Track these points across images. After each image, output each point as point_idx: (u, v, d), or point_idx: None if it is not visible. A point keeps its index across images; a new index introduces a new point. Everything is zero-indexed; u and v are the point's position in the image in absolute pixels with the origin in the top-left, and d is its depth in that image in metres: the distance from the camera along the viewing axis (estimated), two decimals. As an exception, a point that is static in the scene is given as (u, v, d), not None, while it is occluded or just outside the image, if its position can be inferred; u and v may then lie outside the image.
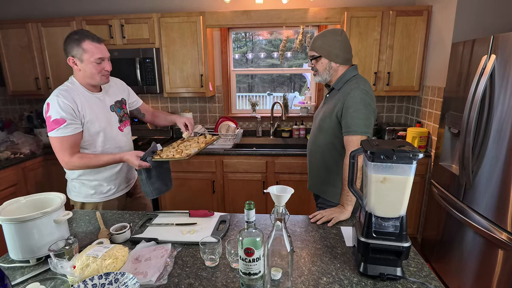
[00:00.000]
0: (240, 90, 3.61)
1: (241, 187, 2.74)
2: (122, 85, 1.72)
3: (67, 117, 1.39)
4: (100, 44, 1.44)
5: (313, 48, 1.50)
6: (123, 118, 1.64)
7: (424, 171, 2.56)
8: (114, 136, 1.57)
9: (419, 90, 2.72)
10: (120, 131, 1.61)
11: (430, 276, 0.97)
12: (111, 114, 1.57)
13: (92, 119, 1.48)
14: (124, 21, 2.76)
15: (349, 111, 1.38)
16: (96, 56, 1.41)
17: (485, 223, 1.76)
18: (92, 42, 1.41)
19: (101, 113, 1.52)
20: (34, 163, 2.70)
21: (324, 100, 1.62)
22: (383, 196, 0.93)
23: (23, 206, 1.16)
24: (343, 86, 1.48)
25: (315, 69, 1.53)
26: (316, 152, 1.58)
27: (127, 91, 1.74)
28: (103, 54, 1.44)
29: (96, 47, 1.42)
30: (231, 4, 2.92)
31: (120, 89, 1.68)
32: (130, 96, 1.75)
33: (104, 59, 1.45)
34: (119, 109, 1.63)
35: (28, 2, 3.12)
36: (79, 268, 0.90)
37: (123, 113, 1.65)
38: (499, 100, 1.67)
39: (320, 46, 1.47)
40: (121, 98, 1.66)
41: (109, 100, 1.59)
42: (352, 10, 2.60)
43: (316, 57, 1.49)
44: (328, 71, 1.50)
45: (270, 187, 0.85)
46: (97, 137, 1.51)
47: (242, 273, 0.87)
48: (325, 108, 1.53)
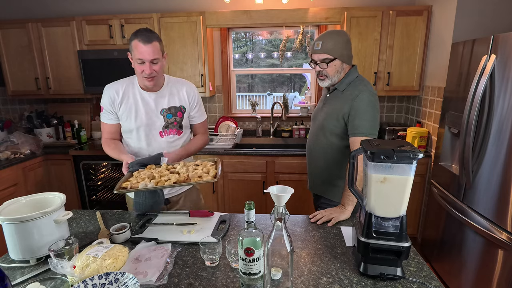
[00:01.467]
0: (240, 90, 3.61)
1: (241, 187, 2.74)
2: (190, 94, 1.59)
3: (105, 107, 1.52)
4: (145, 45, 1.36)
5: (325, 51, 1.41)
6: (170, 126, 1.55)
7: (424, 171, 2.56)
8: (152, 139, 1.53)
9: (419, 90, 2.72)
10: (160, 136, 1.54)
11: (430, 276, 0.97)
12: (158, 117, 1.52)
13: (128, 115, 1.49)
14: (124, 21, 2.76)
15: (358, 113, 1.38)
16: (137, 57, 1.38)
17: (485, 223, 1.76)
18: (138, 42, 1.37)
19: (144, 113, 1.49)
20: (34, 163, 2.70)
21: (324, 100, 1.59)
22: (383, 196, 0.93)
23: (23, 206, 1.16)
24: (347, 87, 1.46)
25: (324, 73, 1.46)
26: (317, 152, 1.57)
27: (193, 102, 1.60)
28: (144, 56, 1.37)
29: (140, 48, 1.37)
30: (231, 4, 2.92)
31: (183, 97, 1.57)
32: (193, 109, 1.61)
33: (145, 62, 1.38)
34: (171, 115, 1.54)
35: (28, 2, 3.12)
36: (79, 268, 0.90)
37: (173, 120, 1.55)
38: (499, 100, 1.67)
39: (333, 48, 1.41)
40: (180, 105, 1.56)
41: (163, 103, 1.52)
42: (352, 10, 2.60)
43: (330, 60, 1.42)
44: (339, 73, 1.46)
45: (270, 187, 0.85)
46: (132, 134, 1.53)
47: (242, 273, 0.87)
48: (328, 108, 1.51)
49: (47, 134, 3.06)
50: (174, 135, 1.58)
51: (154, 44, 1.38)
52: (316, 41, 1.45)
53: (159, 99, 1.52)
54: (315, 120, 1.61)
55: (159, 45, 1.41)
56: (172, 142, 1.58)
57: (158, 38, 1.42)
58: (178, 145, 1.60)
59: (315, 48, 1.44)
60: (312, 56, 1.47)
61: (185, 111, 1.58)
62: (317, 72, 1.48)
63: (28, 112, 3.20)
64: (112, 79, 1.57)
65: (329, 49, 1.41)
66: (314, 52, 1.45)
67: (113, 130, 1.56)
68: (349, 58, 1.46)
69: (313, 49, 1.46)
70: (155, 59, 1.39)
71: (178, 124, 1.58)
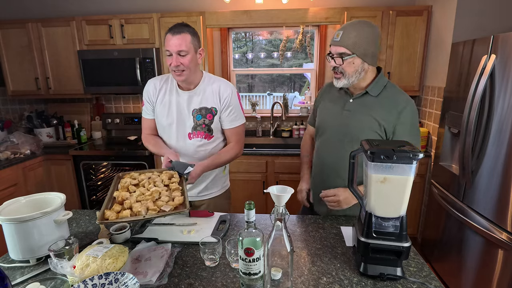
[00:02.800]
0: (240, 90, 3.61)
1: (241, 187, 2.74)
2: (224, 95, 1.45)
3: (145, 101, 1.52)
4: (173, 36, 1.30)
5: (344, 44, 1.19)
6: (199, 128, 1.46)
7: (424, 171, 2.56)
8: (180, 140, 1.48)
9: (419, 90, 2.72)
10: (189, 138, 1.47)
11: (430, 276, 0.97)
12: (189, 117, 1.45)
13: (161, 111, 1.47)
14: (124, 21, 2.76)
15: (409, 129, 1.23)
16: (165, 48, 1.34)
17: (485, 223, 1.76)
18: (169, 34, 1.31)
19: (176, 111, 1.45)
20: (34, 163, 2.70)
21: (344, 104, 1.32)
22: (383, 196, 0.93)
23: (23, 206, 1.15)
24: (381, 93, 1.27)
25: (340, 70, 1.24)
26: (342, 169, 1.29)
27: (225, 103, 1.45)
28: (170, 47, 1.31)
29: (168, 39, 1.31)
30: (231, 4, 2.92)
31: (216, 97, 1.45)
32: (225, 111, 1.46)
33: (172, 54, 1.31)
34: (200, 116, 1.45)
35: (28, 2, 3.12)
36: (79, 268, 0.90)
37: (202, 122, 1.45)
38: (499, 100, 1.67)
39: (355, 43, 1.18)
40: (211, 106, 1.45)
41: (195, 103, 1.45)
42: (352, 10, 2.60)
43: (347, 55, 1.20)
44: (359, 73, 1.23)
45: (270, 187, 0.85)
46: (164, 131, 1.52)
47: (242, 273, 0.87)
48: (360, 116, 1.28)
49: (47, 134, 3.06)
50: (203, 138, 1.47)
51: (184, 36, 1.30)
52: (338, 30, 1.23)
53: (192, 98, 1.45)
54: (332, 128, 1.36)
55: (190, 38, 1.32)
56: (200, 146, 1.48)
57: (192, 32, 1.34)
58: (206, 150, 1.49)
59: (334, 39, 1.22)
60: (330, 47, 1.25)
61: (217, 113, 1.46)
62: (332, 67, 1.27)
63: (28, 112, 3.20)
64: (112, 79, 1.57)
65: (349, 43, 1.18)
66: (332, 43, 1.23)
67: (152, 126, 1.55)
68: (373, 58, 1.23)
69: (333, 39, 1.23)
70: (182, 51, 1.30)
71: (207, 127, 1.46)
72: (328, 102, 1.41)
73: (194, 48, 1.35)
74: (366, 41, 1.19)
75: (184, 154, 1.49)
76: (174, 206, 1.02)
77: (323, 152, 1.41)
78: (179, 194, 1.10)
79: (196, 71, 1.42)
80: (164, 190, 1.14)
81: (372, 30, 1.20)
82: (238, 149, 1.52)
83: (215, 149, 1.52)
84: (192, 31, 1.35)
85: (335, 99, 1.39)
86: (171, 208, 0.98)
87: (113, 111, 3.37)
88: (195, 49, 1.36)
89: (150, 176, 1.28)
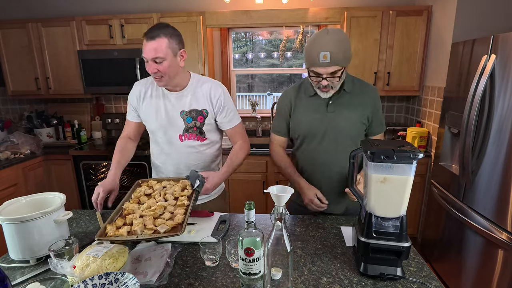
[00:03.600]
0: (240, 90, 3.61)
1: (241, 187, 2.74)
2: (215, 97, 1.41)
3: (129, 104, 1.48)
4: (148, 42, 1.23)
5: (336, 63, 1.20)
6: (190, 130, 1.41)
7: (424, 171, 2.56)
8: (172, 143, 1.44)
9: (419, 90, 2.72)
10: (180, 140, 1.43)
11: (430, 276, 0.97)
12: (179, 119, 1.40)
13: (150, 114, 1.42)
14: (124, 21, 2.76)
15: (380, 109, 1.40)
16: (143, 55, 1.26)
17: (485, 223, 1.76)
18: (144, 38, 1.24)
19: (165, 113, 1.40)
20: (34, 163, 2.70)
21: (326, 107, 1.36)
22: (383, 196, 0.93)
23: (23, 206, 1.16)
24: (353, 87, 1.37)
25: (331, 85, 1.27)
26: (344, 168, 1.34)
27: (218, 105, 1.41)
28: (145, 54, 1.24)
29: (144, 45, 1.25)
30: (231, 4, 2.92)
31: (207, 99, 1.40)
32: (220, 114, 1.43)
33: (148, 60, 1.25)
34: (191, 118, 1.40)
35: (28, 2, 3.12)
36: (79, 268, 0.90)
37: (193, 124, 1.40)
38: (499, 100, 1.67)
39: (344, 58, 1.22)
40: (202, 108, 1.40)
41: (184, 105, 1.40)
42: (352, 10, 2.60)
43: (340, 72, 1.24)
44: (343, 79, 1.30)
45: (270, 187, 0.85)
46: (154, 135, 1.47)
47: (242, 273, 0.87)
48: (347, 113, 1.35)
49: (47, 134, 3.06)
50: (195, 140, 1.43)
51: (159, 41, 1.22)
52: (320, 51, 1.19)
53: (181, 100, 1.40)
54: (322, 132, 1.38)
55: (167, 42, 1.23)
56: (192, 148, 1.44)
57: (169, 33, 1.25)
58: (200, 152, 1.46)
59: (322, 61, 1.19)
60: (316, 69, 1.23)
61: (207, 115, 1.41)
62: (323, 86, 1.27)
63: (28, 112, 3.20)
64: (112, 79, 1.56)
65: (340, 59, 1.20)
66: (321, 65, 1.20)
67: (132, 128, 1.52)
68: (350, 60, 1.29)
69: (319, 62, 1.20)
70: (158, 58, 1.23)
71: (198, 130, 1.42)
72: (306, 109, 1.40)
73: (172, 52, 1.26)
74: (347, 50, 1.23)
75: (177, 158, 1.46)
76: (172, 226, 0.99)
77: (319, 157, 1.40)
78: (182, 212, 1.07)
79: (179, 74, 1.35)
80: (171, 205, 1.12)
81: (345, 37, 1.25)
82: (246, 146, 1.49)
83: (209, 151, 1.49)
84: (170, 32, 1.26)
85: (312, 105, 1.39)
86: (166, 229, 0.96)
87: (113, 111, 3.37)
88: (173, 53, 1.27)
89: (166, 185, 1.28)
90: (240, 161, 1.44)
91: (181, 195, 1.18)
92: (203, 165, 1.49)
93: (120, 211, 1.12)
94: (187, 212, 1.06)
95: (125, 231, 0.96)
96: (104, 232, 0.97)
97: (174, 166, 1.48)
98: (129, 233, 0.96)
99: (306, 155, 1.44)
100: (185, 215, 1.05)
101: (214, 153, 1.52)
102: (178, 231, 0.95)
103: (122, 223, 1.02)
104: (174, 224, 1.00)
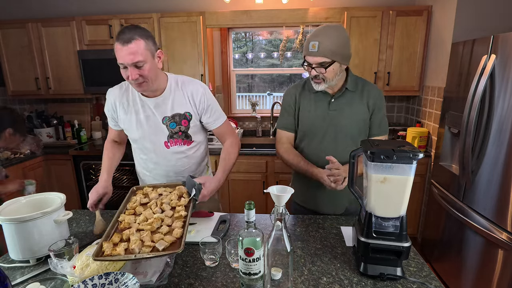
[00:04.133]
0: (240, 90, 3.60)
1: (241, 187, 2.74)
2: (198, 97, 1.34)
3: (107, 113, 1.42)
4: (124, 46, 1.13)
5: (323, 54, 1.22)
6: (175, 136, 1.36)
7: (424, 171, 2.56)
8: (158, 151, 1.38)
9: (419, 90, 2.72)
10: (166, 147, 1.37)
11: (430, 276, 0.97)
12: (161, 126, 1.33)
13: (129, 124, 1.35)
14: (124, 21, 2.76)
15: (382, 111, 1.38)
16: (118, 61, 1.17)
17: (485, 223, 1.76)
18: (117, 43, 1.14)
19: (146, 122, 1.33)
20: (34, 163, 2.70)
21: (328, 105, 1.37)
22: (383, 196, 0.93)
23: (23, 206, 1.16)
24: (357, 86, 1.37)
25: (321, 77, 1.28)
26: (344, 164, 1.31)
27: (202, 106, 1.35)
28: (123, 60, 1.14)
29: (119, 50, 1.14)
30: (231, 4, 2.92)
31: (189, 101, 1.34)
32: (205, 114, 1.37)
33: (126, 66, 1.16)
34: (174, 124, 1.34)
35: (28, 2, 3.12)
36: (79, 268, 0.90)
37: (178, 129, 1.35)
38: (499, 100, 1.67)
39: (332, 50, 1.22)
40: (184, 112, 1.34)
41: (165, 111, 1.32)
42: (352, 10, 2.60)
43: (329, 63, 1.23)
44: (338, 75, 1.30)
45: (270, 187, 0.85)
46: (137, 144, 1.41)
47: (242, 273, 0.87)
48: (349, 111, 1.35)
49: (47, 134, 3.06)
50: (182, 145, 1.38)
51: (137, 43, 1.13)
52: (311, 40, 1.23)
53: (161, 106, 1.32)
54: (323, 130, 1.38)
55: (144, 43, 1.14)
56: (180, 153, 1.39)
57: (144, 35, 1.16)
58: (188, 156, 1.42)
59: (311, 50, 1.24)
60: (307, 58, 1.28)
61: (192, 118, 1.35)
62: (313, 76, 1.30)
63: (28, 112, 3.20)
64: (112, 79, 1.52)
65: (327, 51, 1.22)
66: (309, 54, 1.25)
67: (115, 134, 1.49)
68: (348, 58, 1.30)
69: (308, 51, 1.25)
70: (139, 62, 1.14)
71: (184, 134, 1.37)
72: (309, 106, 1.40)
73: (150, 53, 1.18)
74: (341, 45, 1.24)
75: (165, 165, 1.41)
76: (170, 243, 0.94)
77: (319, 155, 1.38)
78: (180, 226, 1.02)
79: (158, 77, 1.27)
80: (168, 217, 1.07)
81: (343, 33, 1.25)
82: (236, 142, 1.45)
83: (197, 153, 1.45)
84: (144, 33, 1.17)
85: (314, 101, 1.39)
86: (164, 246, 0.92)
87: (113, 111, 3.37)
88: (152, 54, 1.19)
89: (162, 192, 1.23)
90: (233, 160, 1.40)
91: (178, 205, 1.13)
92: (193, 168, 1.46)
93: (116, 225, 1.05)
94: (185, 225, 1.01)
95: (123, 249, 0.91)
96: (101, 250, 0.92)
97: (164, 174, 1.43)
98: (127, 250, 0.91)
99: (307, 152, 1.44)
100: (184, 228, 1.00)
101: (201, 154, 1.48)
102: (177, 248, 0.90)
103: (119, 239, 0.96)
104: (172, 240, 0.95)
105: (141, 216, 1.07)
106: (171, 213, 1.10)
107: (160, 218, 1.05)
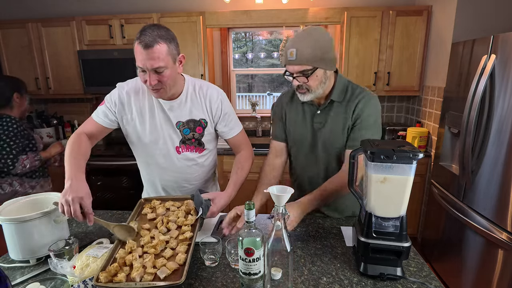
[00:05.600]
0: (240, 90, 3.61)
1: (241, 187, 2.73)
2: (214, 105, 1.29)
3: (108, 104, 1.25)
4: (145, 50, 1.06)
5: (303, 62, 1.11)
6: (188, 142, 1.31)
7: (424, 171, 2.56)
8: (168, 156, 1.32)
9: (419, 90, 2.72)
10: (177, 152, 1.31)
11: (430, 276, 0.97)
12: (175, 130, 1.28)
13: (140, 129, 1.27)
14: (124, 21, 2.76)
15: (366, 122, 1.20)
16: (137, 64, 1.11)
17: (485, 223, 1.76)
18: (138, 45, 1.08)
19: (159, 126, 1.27)
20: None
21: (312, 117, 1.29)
22: (383, 196, 0.93)
23: (23, 206, 1.16)
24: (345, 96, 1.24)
25: (304, 87, 1.16)
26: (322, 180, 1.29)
27: (217, 114, 1.30)
28: (143, 64, 1.08)
29: (139, 53, 1.08)
30: (231, 4, 2.92)
31: (205, 108, 1.29)
32: (220, 122, 1.32)
33: (146, 71, 1.10)
34: (188, 130, 1.28)
35: (28, 2, 3.12)
36: (79, 268, 0.90)
37: (191, 136, 1.29)
38: (499, 100, 1.67)
39: (313, 57, 1.10)
40: (200, 118, 1.29)
41: (181, 115, 1.27)
42: (352, 10, 2.60)
43: (310, 71, 1.12)
44: (324, 83, 1.18)
45: (270, 187, 0.85)
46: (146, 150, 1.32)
47: (242, 273, 0.87)
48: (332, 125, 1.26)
49: (47, 134, 3.06)
50: (194, 152, 1.33)
51: (159, 48, 1.07)
52: (289, 48, 1.12)
53: (177, 110, 1.26)
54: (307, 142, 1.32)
55: (166, 48, 1.08)
56: (191, 161, 1.34)
57: (167, 38, 1.10)
58: (198, 164, 1.37)
59: (289, 58, 1.12)
60: (287, 67, 1.16)
61: (207, 125, 1.30)
62: (296, 86, 1.18)
63: (28, 112, 3.20)
64: (112, 79, 1.48)
65: (307, 57, 1.10)
66: (288, 63, 1.14)
67: (96, 129, 1.26)
68: (332, 63, 1.16)
69: (287, 59, 1.14)
70: (160, 68, 1.09)
71: (197, 141, 1.31)
72: (296, 116, 1.34)
73: (172, 58, 1.12)
74: (322, 49, 1.11)
75: (173, 171, 1.35)
76: (172, 270, 0.89)
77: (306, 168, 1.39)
78: (184, 250, 0.97)
79: (176, 83, 1.22)
80: (173, 238, 1.03)
81: (323, 36, 1.13)
82: (251, 155, 1.43)
83: (207, 161, 1.40)
84: (168, 36, 1.10)
85: (300, 112, 1.33)
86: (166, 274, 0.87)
87: (113, 111, 3.37)
88: (173, 59, 1.13)
89: (170, 207, 1.20)
90: (245, 175, 1.36)
91: (184, 224, 1.09)
92: (202, 176, 1.42)
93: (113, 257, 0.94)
94: (189, 252, 0.95)
95: (124, 276, 0.86)
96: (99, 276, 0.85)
97: (171, 179, 1.38)
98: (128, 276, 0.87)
99: (295, 164, 1.45)
100: (187, 254, 0.94)
101: (211, 162, 1.44)
102: (178, 279, 0.84)
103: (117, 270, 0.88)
104: (175, 268, 0.90)
105: (145, 237, 1.01)
106: (176, 233, 1.05)
107: (164, 241, 1.00)
